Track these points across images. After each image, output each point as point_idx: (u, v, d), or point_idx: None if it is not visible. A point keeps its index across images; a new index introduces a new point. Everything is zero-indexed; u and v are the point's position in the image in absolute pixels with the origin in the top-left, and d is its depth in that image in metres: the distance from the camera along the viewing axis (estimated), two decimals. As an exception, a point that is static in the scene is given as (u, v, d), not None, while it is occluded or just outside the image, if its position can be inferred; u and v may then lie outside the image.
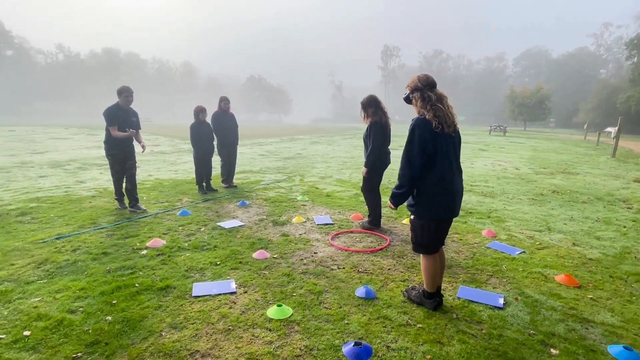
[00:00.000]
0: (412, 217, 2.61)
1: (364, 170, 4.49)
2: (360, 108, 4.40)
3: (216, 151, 6.88)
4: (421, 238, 2.58)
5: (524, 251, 3.91)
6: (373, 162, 4.38)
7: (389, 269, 3.40)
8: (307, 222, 4.87)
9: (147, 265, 3.39)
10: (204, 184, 6.67)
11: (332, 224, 4.80)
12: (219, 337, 2.31)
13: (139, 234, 4.25)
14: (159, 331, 2.37)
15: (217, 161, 7.09)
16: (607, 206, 6.07)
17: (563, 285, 3.13)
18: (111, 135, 5.01)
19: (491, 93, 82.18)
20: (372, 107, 4.35)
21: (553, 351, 2.23)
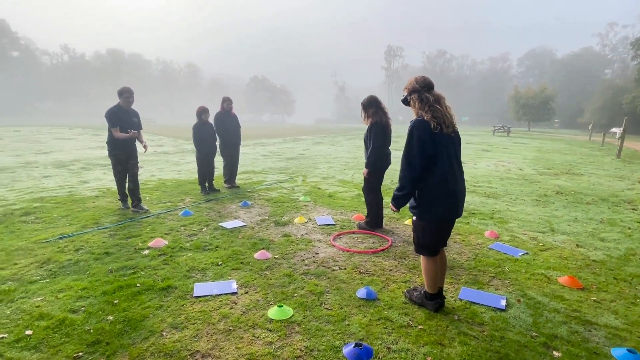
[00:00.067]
0: (414, 219, 2.60)
1: (365, 171, 4.48)
2: (360, 108, 4.40)
3: (219, 151, 6.90)
4: (423, 239, 2.57)
5: (527, 252, 3.89)
6: (374, 163, 4.37)
7: (391, 270, 3.39)
8: (309, 223, 4.87)
9: (149, 265, 3.40)
10: (207, 184, 6.69)
11: (334, 225, 4.79)
12: (220, 338, 2.32)
13: (141, 234, 4.27)
14: (160, 331, 2.37)
15: (220, 161, 7.10)
16: (612, 207, 6.02)
17: (566, 287, 3.10)
18: (113, 136, 5.04)
19: (495, 93, 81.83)
20: (373, 108, 4.34)
21: (555, 353, 2.21)
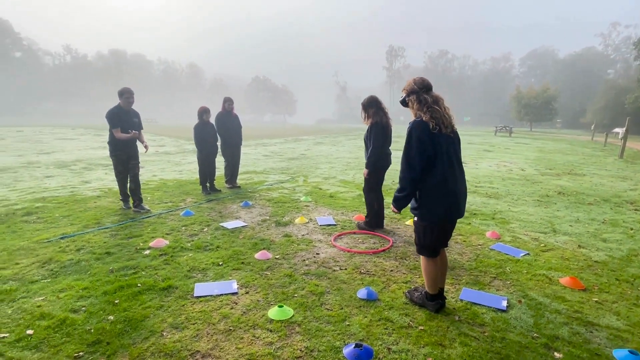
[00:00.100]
0: (416, 219, 2.60)
1: (365, 171, 4.48)
2: (361, 109, 4.39)
3: (220, 152, 6.90)
4: (424, 240, 2.57)
5: (529, 253, 3.87)
6: (374, 163, 4.37)
7: (391, 271, 3.38)
8: (310, 223, 4.87)
9: (150, 265, 3.40)
10: (208, 185, 6.70)
11: (335, 225, 4.79)
12: (220, 338, 2.32)
13: (143, 234, 4.28)
14: (160, 331, 2.37)
15: (221, 162, 7.11)
16: (614, 208, 5.99)
17: (568, 288, 3.09)
18: (114, 137, 5.06)
19: (497, 93, 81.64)
20: (373, 108, 4.33)
21: (557, 355, 2.20)
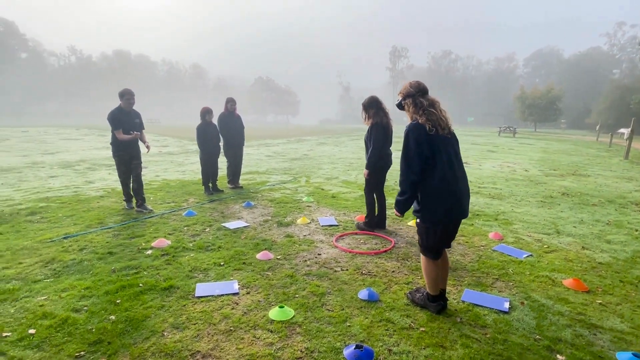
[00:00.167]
0: (418, 221, 2.59)
1: (365, 172, 4.47)
2: (361, 109, 4.38)
3: (222, 152, 6.92)
4: (427, 242, 2.56)
5: (532, 254, 3.85)
6: (374, 164, 4.36)
7: (393, 271, 3.37)
8: (312, 224, 4.86)
9: (152, 265, 3.41)
10: (210, 185, 6.71)
11: (337, 226, 4.78)
12: (220, 338, 2.32)
13: (145, 234, 4.29)
14: (161, 331, 2.38)
15: (224, 162, 7.12)
16: (619, 209, 5.94)
17: (571, 289, 3.06)
18: (117, 138, 5.10)
19: (501, 94, 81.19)
20: (374, 108, 4.32)
21: (559, 357, 2.18)
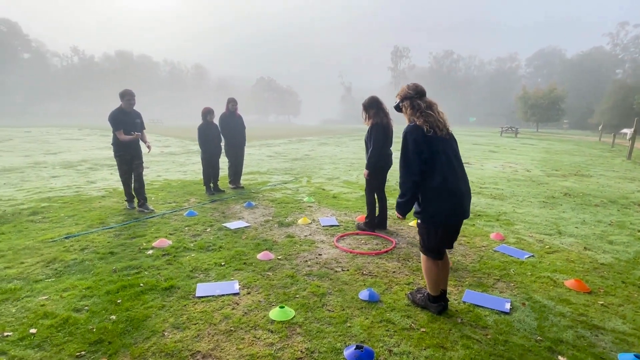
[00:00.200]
0: (419, 222, 2.59)
1: (366, 172, 4.47)
2: (361, 109, 4.38)
3: (224, 152, 6.93)
4: (428, 242, 2.56)
5: (533, 255, 3.83)
6: (374, 164, 4.35)
7: (394, 272, 3.37)
8: (313, 224, 4.86)
9: (153, 265, 3.42)
10: (212, 185, 6.72)
11: (338, 226, 4.78)
12: (221, 338, 2.32)
13: (146, 234, 4.30)
14: (162, 331, 2.38)
15: (225, 162, 7.13)
16: (621, 209, 5.92)
17: (573, 290, 3.05)
18: (118, 138, 5.12)
19: (503, 94, 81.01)
20: (374, 109, 4.32)
21: (561, 358, 2.17)
